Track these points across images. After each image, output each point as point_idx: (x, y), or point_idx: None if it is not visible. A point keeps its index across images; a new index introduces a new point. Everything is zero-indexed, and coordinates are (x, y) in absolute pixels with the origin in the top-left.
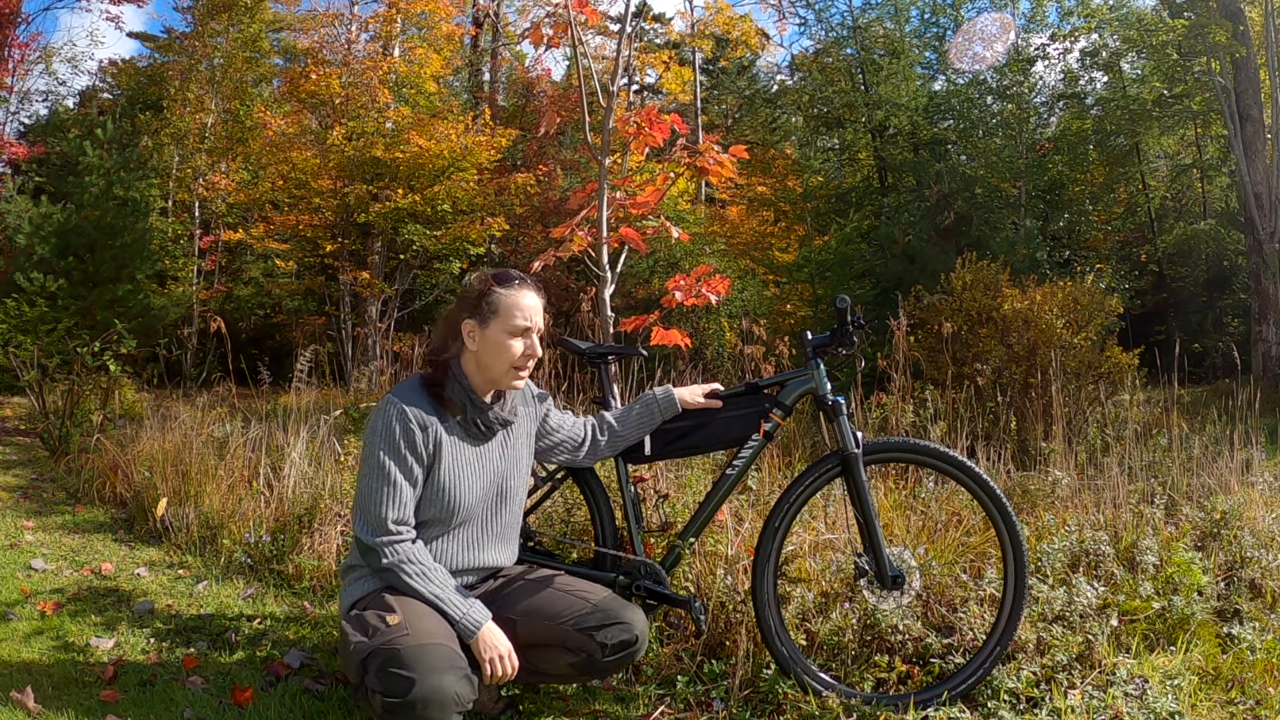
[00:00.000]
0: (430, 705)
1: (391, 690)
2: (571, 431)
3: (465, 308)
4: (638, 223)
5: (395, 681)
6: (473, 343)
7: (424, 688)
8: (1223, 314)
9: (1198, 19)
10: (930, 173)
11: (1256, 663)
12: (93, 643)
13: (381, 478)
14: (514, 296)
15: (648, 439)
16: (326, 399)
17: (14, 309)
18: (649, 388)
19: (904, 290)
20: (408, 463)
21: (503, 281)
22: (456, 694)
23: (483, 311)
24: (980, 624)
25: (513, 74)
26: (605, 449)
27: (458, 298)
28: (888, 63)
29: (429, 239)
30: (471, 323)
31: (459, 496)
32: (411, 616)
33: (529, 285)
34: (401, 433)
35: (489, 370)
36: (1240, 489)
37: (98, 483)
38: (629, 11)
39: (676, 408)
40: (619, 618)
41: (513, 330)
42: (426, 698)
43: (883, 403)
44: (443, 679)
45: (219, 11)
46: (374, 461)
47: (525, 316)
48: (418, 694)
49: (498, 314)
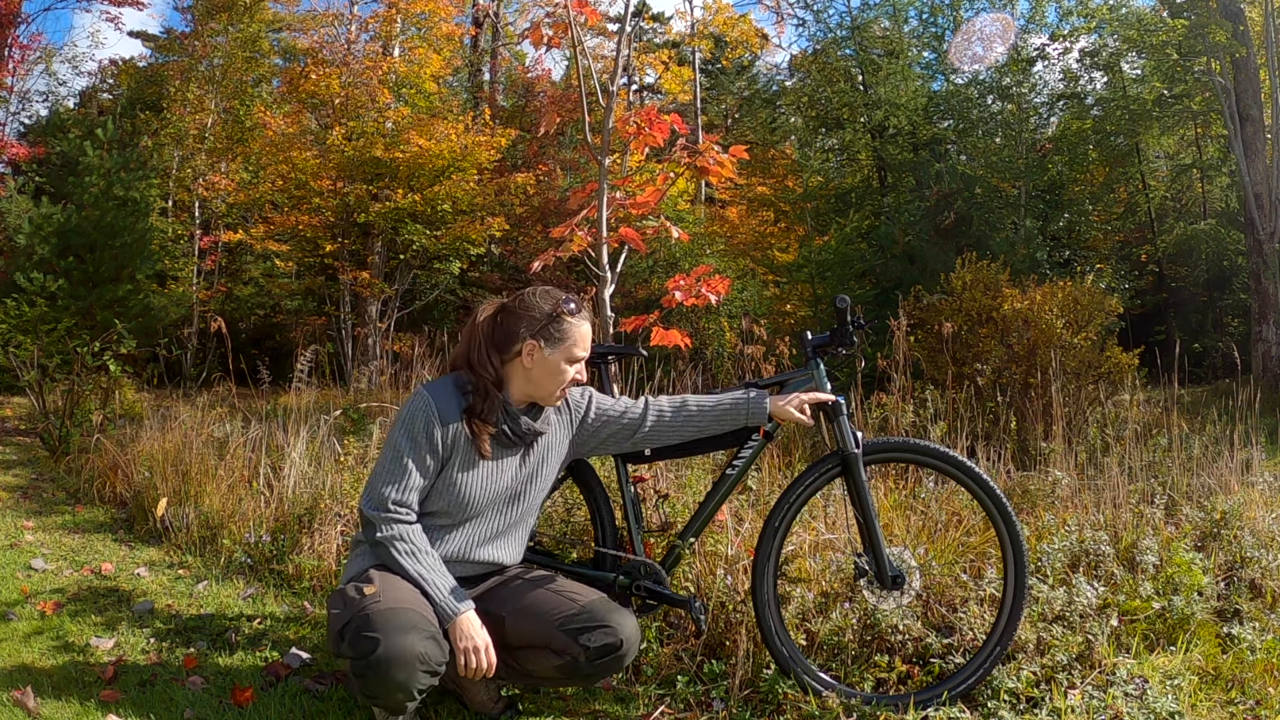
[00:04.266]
0: (395, 664)
1: (360, 651)
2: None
3: (530, 326)
4: (637, 223)
5: (363, 644)
6: (530, 361)
7: (387, 647)
8: (1223, 314)
9: (1198, 19)
10: (930, 173)
11: (1256, 663)
12: (93, 643)
13: (395, 459)
14: (582, 327)
15: None
16: (326, 399)
17: (14, 309)
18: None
19: (904, 290)
20: (421, 452)
21: (573, 310)
22: (422, 653)
23: (550, 335)
24: (980, 624)
25: (512, 74)
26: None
27: (518, 313)
28: (887, 63)
29: (429, 239)
30: (535, 343)
31: (469, 496)
32: (388, 587)
33: (588, 314)
34: (423, 424)
35: (538, 389)
36: (1240, 489)
37: (98, 483)
38: (628, 11)
39: (764, 418)
40: (604, 621)
41: (572, 359)
42: (390, 656)
43: (883, 403)
44: (406, 637)
45: (219, 11)
46: (392, 443)
47: (585, 347)
48: (382, 653)
49: (564, 342)
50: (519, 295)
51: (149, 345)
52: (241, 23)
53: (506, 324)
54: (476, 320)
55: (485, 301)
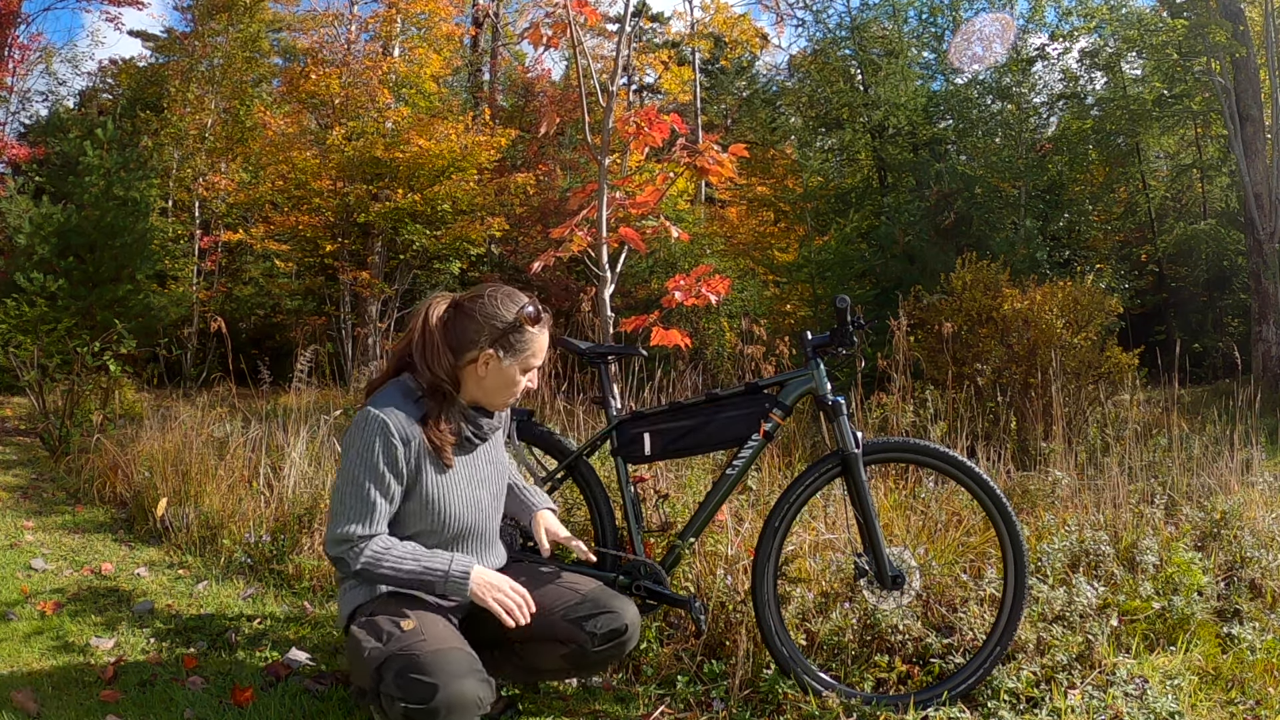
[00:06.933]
0: (454, 710)
1: (413, 696)
2: None
3: (490, 336)
4: (637, 223)
5: (417, 688)
6: (484, 370)
7: (448, 693)
8: (1223, 314)
9: (1198, 19)
10: (930, 173)
11: (1256, 663)
12: (93, 643)
13: (355, 494)
14: (542, 337)
15: (647, 438)
16: (326, 399)
17: (14, 309)
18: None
19: (904, 290)
20: (385, 481)
21: (535, 320)
22: (479, 697)
23: (510, 345)
24: (980, 624)
25: (512, 74)
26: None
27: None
28: (886, 63)
29: (429, 239)
30: (493, 353)
31: (449, 508)
32: (425, 622)
33: (549, 320)
34: (382, 448)
35: (490, 397)
36: (1240, 489)
37: (98, 483)
38: (628, 11)
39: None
40: (608, 606)
41: (527, 368)
42: (450, 703)
43: (883, 403)
44: (464, 683)
45: (219, 11)
46: (350, 476)
47: (541, 357)
48: (442, 700)
49: (523, 352)
50: (477, 296)
51: (149, 345)
52: (241, 23)
53: (463, 327)
54: (429, 319)
55: (434, 296)
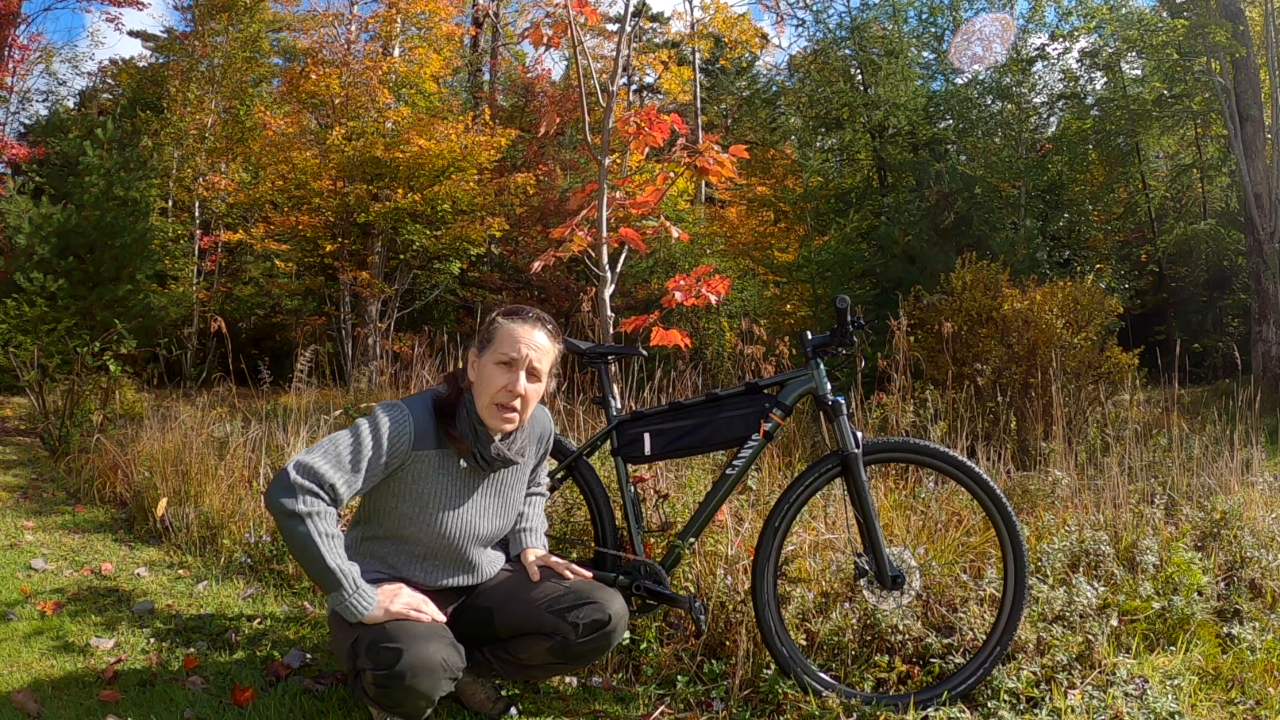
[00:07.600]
0: (419, 672)
1: (380, 663)
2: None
3: (476, 335)
4: (637, 223)
5: (384, 654)
6: (473, 372)
7: (411, 655)
8: (1223, 314)
9: (1198, 19)
10: (930, 173)
11: (1256, 663)
12: (93, 643)
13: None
14: (514, 329)
15: (647, 438)
16: (326, 399)
17: (14, 309)
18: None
19: (904, 290)
20: (366, 446)
21: (509, 314)
22: (444, 659)
23: (483, 339)
24: (980, 624)
25: (512, 74)
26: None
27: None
28: (886, 63)
29: (429, 239)
30: (475, 352)
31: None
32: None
33: (540, 325)
34: (389, 427)
35: (479, 400)
36: (1240, 489)
37: (98, 483)
38: (628, 11)
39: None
40: (591, 598)
41: (499, 359)
42: (414, 665)
43: (883, 403)
44: (428, 645)
45: (219, 11)
46: (352, 430)
47: (516, 349)
48: (406, 662)
49: (492, 343)
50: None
51: (149, 345)
52: (241, 23)
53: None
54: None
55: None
